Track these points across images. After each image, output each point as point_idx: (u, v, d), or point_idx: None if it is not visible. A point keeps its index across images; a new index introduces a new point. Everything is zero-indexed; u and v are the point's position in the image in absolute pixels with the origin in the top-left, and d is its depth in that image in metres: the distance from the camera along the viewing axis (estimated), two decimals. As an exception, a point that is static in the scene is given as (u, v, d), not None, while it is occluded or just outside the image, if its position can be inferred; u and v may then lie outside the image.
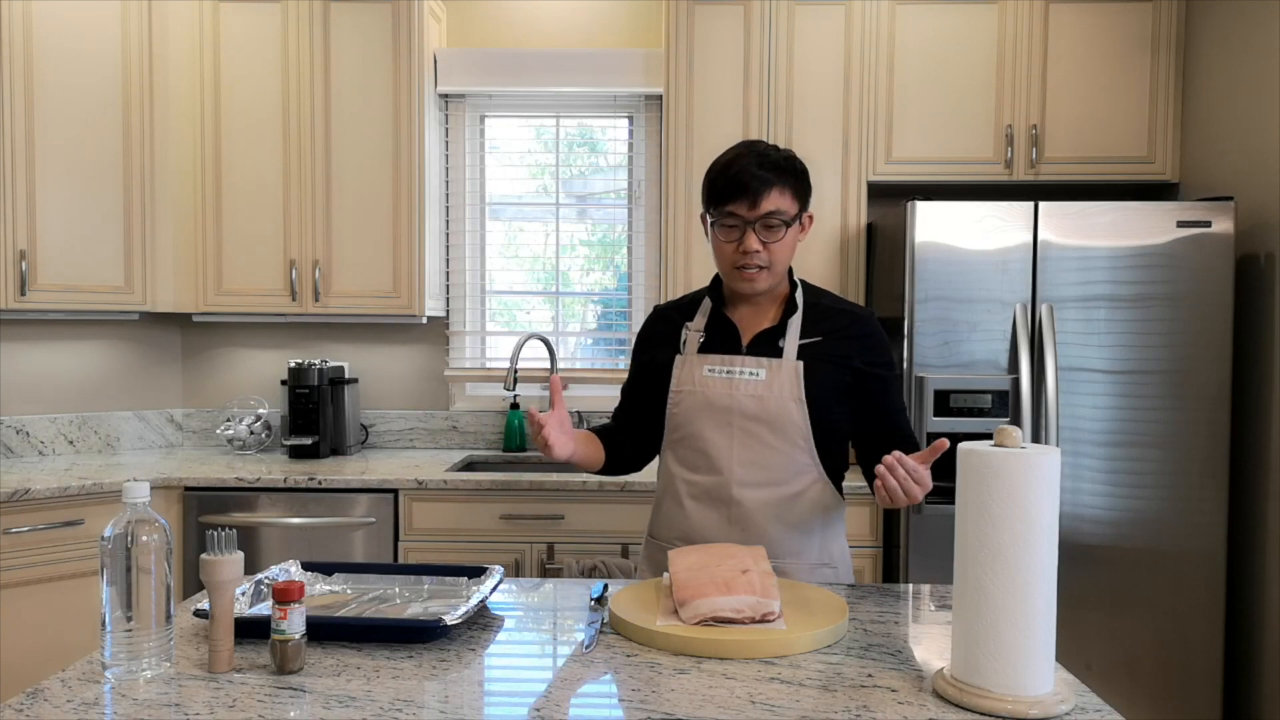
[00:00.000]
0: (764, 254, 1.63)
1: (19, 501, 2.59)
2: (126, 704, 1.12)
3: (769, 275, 1.67)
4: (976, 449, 1.13)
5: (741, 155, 1.65)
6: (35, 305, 2.89)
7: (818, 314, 1.74)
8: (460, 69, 3.41)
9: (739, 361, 1.70)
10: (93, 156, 2.96)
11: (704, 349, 1.74)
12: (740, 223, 1.63)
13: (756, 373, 1.68)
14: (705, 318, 1.77)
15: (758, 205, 1.62)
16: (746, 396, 1.67)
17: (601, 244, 3.64)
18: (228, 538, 1.23)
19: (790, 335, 1.70)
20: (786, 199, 1.64)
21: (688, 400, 1.72)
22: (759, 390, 1.67)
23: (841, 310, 1.77)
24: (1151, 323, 2.68)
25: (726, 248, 1.66)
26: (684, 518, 1.73)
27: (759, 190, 1.61)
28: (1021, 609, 1.10)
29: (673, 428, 1.75)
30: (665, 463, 1.79)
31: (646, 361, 1.81)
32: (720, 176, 1.65)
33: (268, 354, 3.54)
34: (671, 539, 1.75)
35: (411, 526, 2.87)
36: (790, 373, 1.67)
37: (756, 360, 1.69)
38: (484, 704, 1.14)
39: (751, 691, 1.16)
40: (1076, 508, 2.70)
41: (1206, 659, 2.71)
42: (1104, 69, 3.07)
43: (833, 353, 1.70)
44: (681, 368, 1.73)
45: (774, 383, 1.67)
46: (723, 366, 1.70)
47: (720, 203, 1.65)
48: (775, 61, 3.09)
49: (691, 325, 1.77)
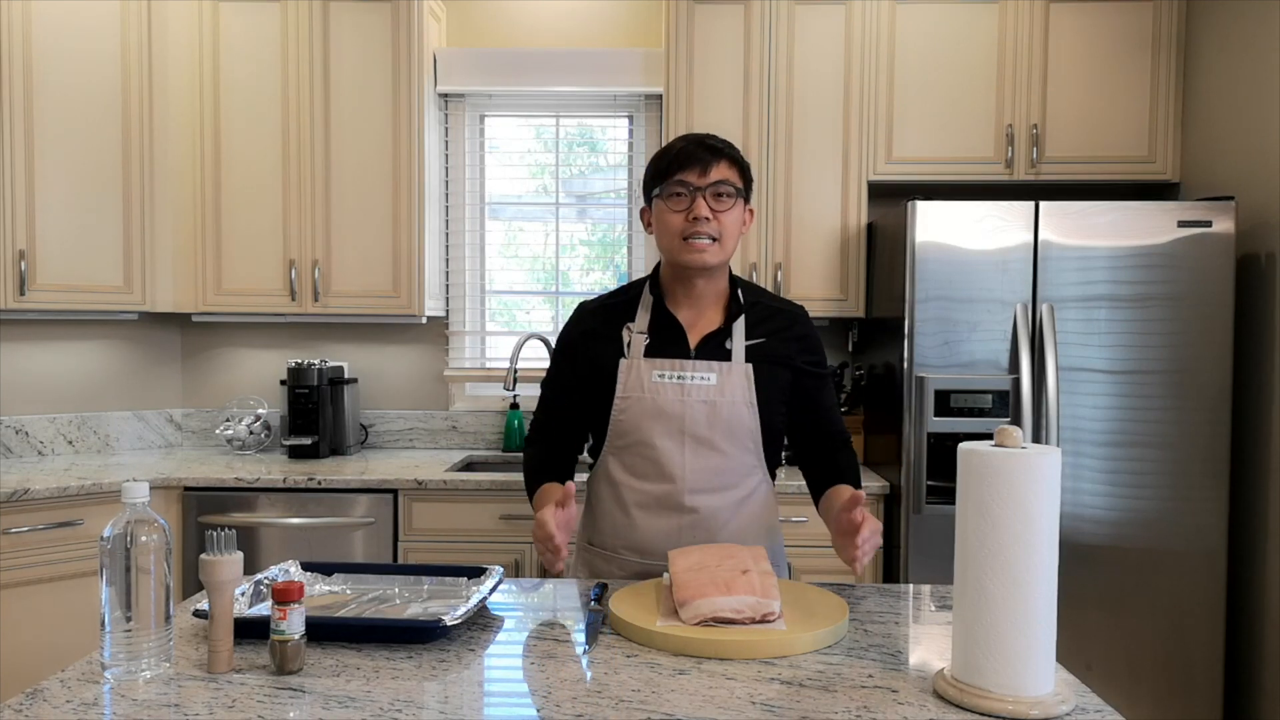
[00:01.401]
0: (714, 223, 1.62)
1: (18, 502, 2.59)
2: (126, 704, 1.11)
3: (718, 249, 1.63)
4: (977, 449, 1.13)
5: (683, 139, 1.68)
6: (35, 305, 2.88)
7: (759, 313, 1.73)
8: (460, 69, 3.41)
9: (689, 366, 1.65)
10: (92, 156, 2.96)
11: (650, 352, 1.68)
12: (689, 189, 1.62)
13: (707, 377, 1.65)
14: (648, 316, 1.71)
15: (707, 173, 1.62)
16: (698, 402, 1.64)
17: (601, 244, 3.63)
18: (227, 538, 1.23)
19: (737, 337, 1.68)
20: (734, 174, 1.65)
21: (636, 407, 1.66)
22: (710, 395, 1.65)
23: (780, 310, 1.76)
24: (1152, 323, 2.68)
25: (675, 218, 1.63)
26: (631, 527, 1.69)
27: (708, 160, 1.62)
28: (1022, 609, 1.10)
29: (618, 434, 1.68)
30: (605, 468, 1.72)
31: (584, 364, 1.72)
32: (666, 153, 1.66)
33: (267, 354, 3.54)
34: (616, 547, 1.71)
35: (411, 527, 2.87)
36: (740, 376, 1.66)
37: (707, 365, 1.66)
38: (484, 704, 1.14)
39: (751, 692, 1.16)
40: (1077, 508, 2.70)
41: (1207, 659, 2.70)
42: (1104, 69, 3.07)
43: (775, 353, 1.70)
44: (628, 372, 1.67)
45: (725, 387, 1.65)
46: (673, 372, 1.65)
47: (669, 174, 1.63)
48: (775, 61, 3.09)
49: (634, 326, 1.70)
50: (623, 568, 1.71)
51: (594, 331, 1.74)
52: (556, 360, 1.80)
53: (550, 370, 1.80)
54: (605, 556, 1.74)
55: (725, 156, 1.64)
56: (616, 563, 1.72)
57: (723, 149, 1.65)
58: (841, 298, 3.14)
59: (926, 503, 2.70)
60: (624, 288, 1.80)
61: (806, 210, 3.12)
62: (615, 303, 1.76)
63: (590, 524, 1.79)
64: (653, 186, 1.68)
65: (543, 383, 1.82)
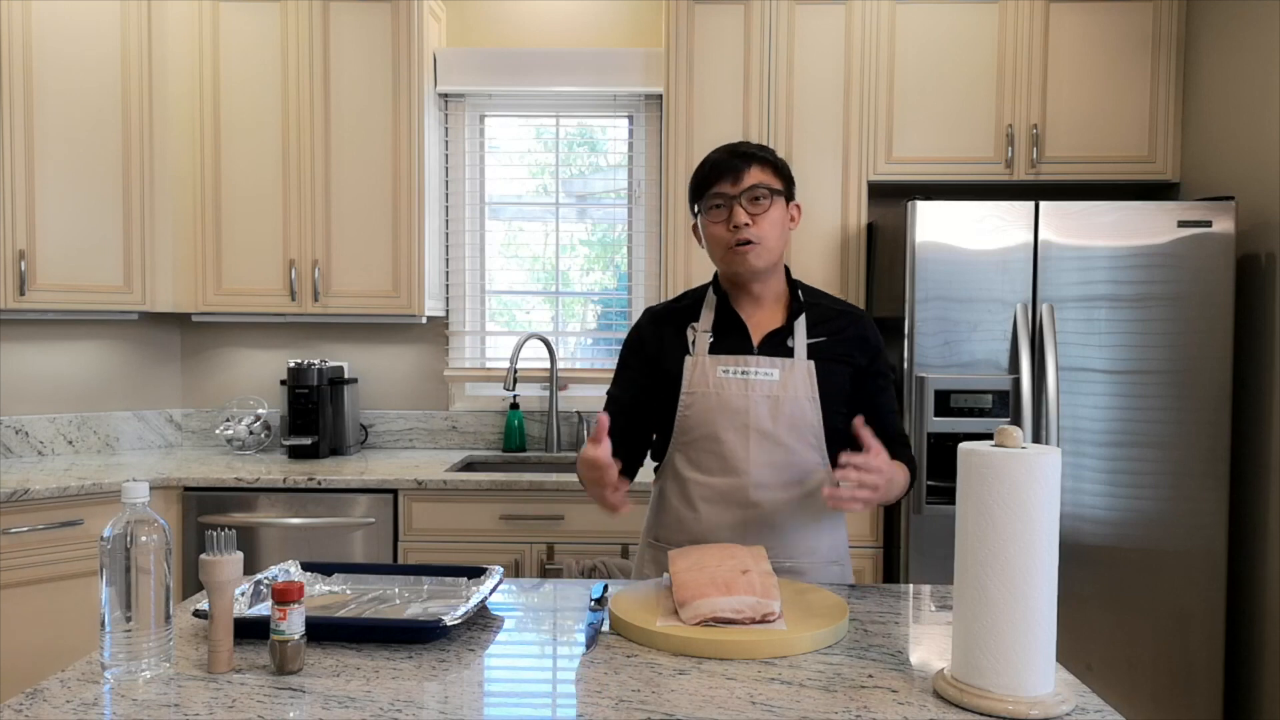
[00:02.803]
0: (754, 228, 1.65)
1: (18, 502, 2.59)
2: (126, 704, 1.11)
3: (763, 251, 1.67)
4: (977, 449, 1.13)
5: (719, 148, 1.72)
6: (34, 305, 2.88)
7: (819, 314, 1.76)
8: (460, 69, 3.41)
9: (753, 362, 1.69)
10: (92, 156, 2.96)
11: (714, 350, 1.72)
12: (725, 200, 1.66)
13: (771, 373, 1.68)
14: (712, 316, 1.76)
15: (740, 180, 1.65)
16: (762, 397, 1.67)
17: (601, 244, 3.63)
18: (227, 538, 1.23)
19: (798, 335, 1.72)
20: (768, 175, 1.68)
21: (701, 402, 1.70)
22: (774, 390, 1.68)
23: (841, 311, 1.80)
24: (1152, 323, 2.68)
25: (717, 229, 1.68)
26: (696, 520, 1.72)
27: (740, 167, 1.66)
28: (1022, 609, 1.10)
29: (683, 430, 1.72)
30: (671, 465, 1.77)
31: (650, 365, 1.77)
32: (701, 169, 1.70)
33: (267, 354, 3.54)
34: (681, 542, 1.73)
35: (411, 527, 2.87)
36: (803, 372, 1.69)
37: (770, 360, 1.69)
38: (484, 704, 1.14)
39: (751, 692, 1.16)
40: (1077, 508, 2.70)
41: (1207, 659, 2.70)
42: (1104, 69, 3.07)
43: (837, 352, 1.73)
44: (693, 369, 1.71)
45: (788, 383, 1.68)
46: (737, 367, 1.69)
47: (705, 188, 1.68)
48: (775, 61, 3.09)
49: (698, 325, 1.75)
50: None
51: (660, 333, 1.79)
52: (624, 361, 1.83)
53: (616, 373, 1.84)
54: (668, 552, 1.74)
55: (757, 160, 1.67)
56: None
57: (754, 153, 1.68)
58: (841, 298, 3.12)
59: (926, 503, 2.70)
60: (688, 293, 1.85)
61: (806, 210, 3.10)
62: (680, 306, 1.82)
63: (656, 521, 1.82)
64: (693, 203, 1.73)
65: (609, 390, 1.85)
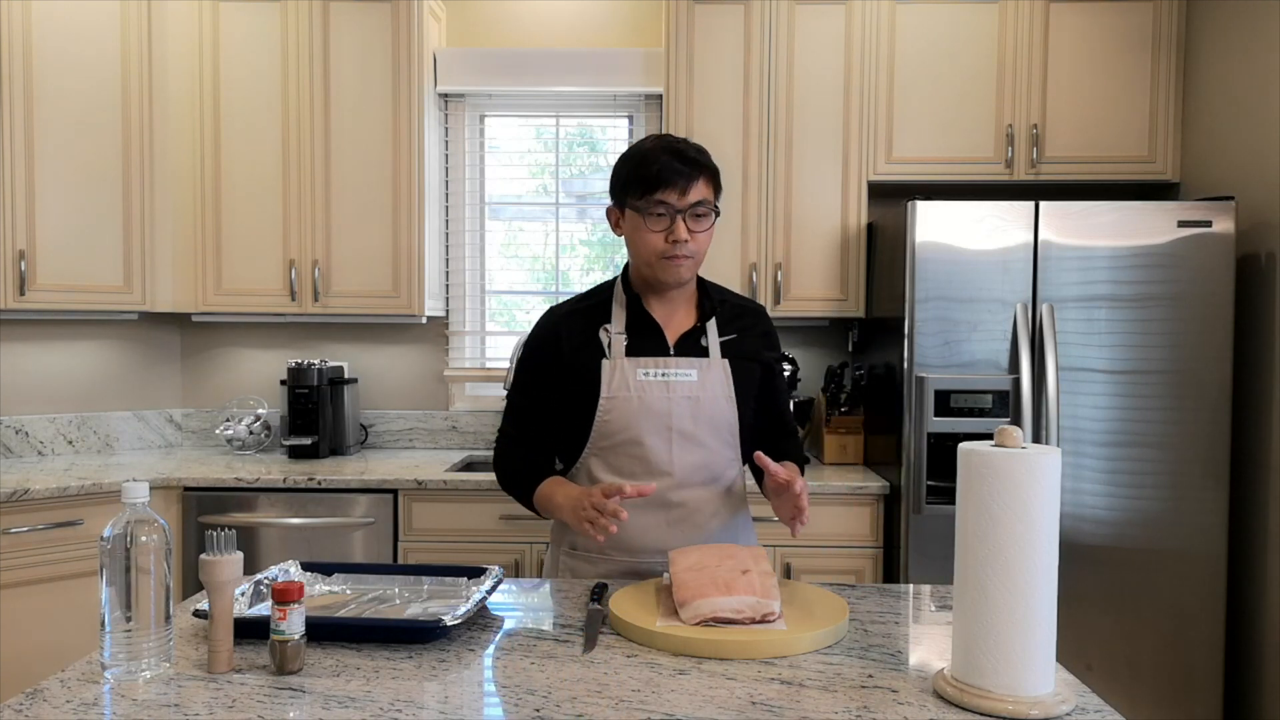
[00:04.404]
0: (691, 243, 1.64)
1: (18, 502, 2.59)
2: (125, 704, 1.11)
3: (693, 265, 1.68)
4: (977, 449, 1.13)
5: (661, 147, 1.64)
6: (34, 305, 2.88)
7: (727, 311, 1.78)
8: (460, 69, 3.41)
9: (672, 364, 1.69)
10: (92, 156, 2.96)
11: (630, 351, 1.69)
12: (670, 211, 1.62)
13: (689, 374, 1.69)
14: (624, 316, 1.72)
15: (687, 194, 1.62)
16: (682, 398, 1.68)
17: (601, 244, 3.63)
18: (227, 538, 1.23)
19: (712, 334, 1.73)
20: (709, 190, 1.67)
21: (622, 406, 1.66)
22: (693, 391, 1.68)
23: (745, 307, 1.82)
24: (1152, 323, 2.68)
25: (655, 237, 1.64)
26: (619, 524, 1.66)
27: (688, 176, 1.62)
28: (1022, 609, 1.10)
29: (603, 434, 1.68)
30: (587, 469, 1.71)
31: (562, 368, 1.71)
32: (645, 167, 1.63)
33: (267, 354, 3.54)
34: (604, 549, 1.69)
35: (411, 527, 2.86)
36: (719, 371, 1.71)
37: (688, 361, 1.69)
38: (484, 704, 1.14)
39: (751, 692, 1.16)
40: (1077, 508, 2.70)
41: (1207, 659, 2.70)
42: (1104, 69, 3.07)
43: (746, 349, 1.76)
44: (612, 372, 1.67)
45: (706, 382, 1.69)
46: (657, 370, 1.68)
47: (649, 191, 1.62)
48: (775, 61, 3.09)
49: (611, 327, 1.71)
50: (612, 568, 1.71)
51: (570, 335, 1.72)
52: (527, 366, 1.77)
53: (519, 377, 1.78)
54: (590, 559, 1.73)
55: (702, 171, 1.64)
56: (604, 564, 1.72)
57: (699, 161, 1.64)
58: (841, 298, 3.14)
59: (926, 503, 2.70)
60: (592, 291, 1.80)
61: (806, 210, 3.12)
62: (588, 306, 1.76)
63: (569, 529, 1.74)
64: (627, 194, 1.66)
65: (509, 392, 1.80)
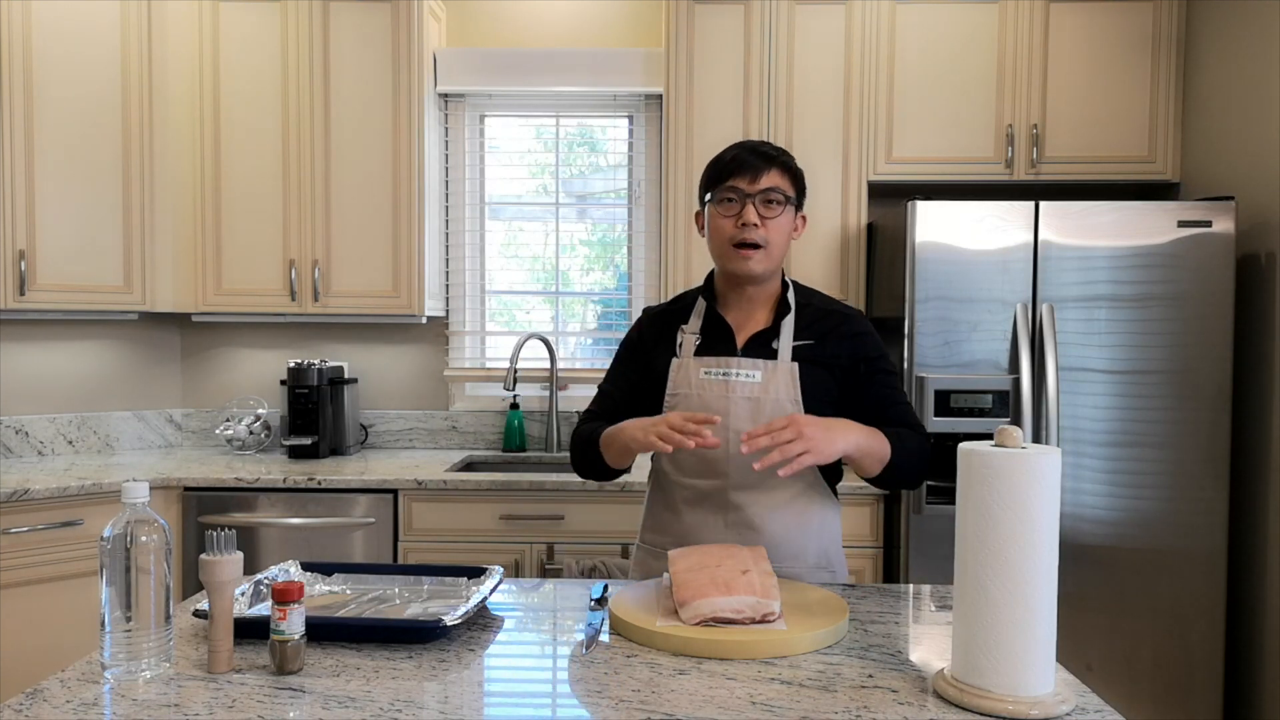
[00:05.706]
0: (762, 230, 1.65)
1: (18, 502, 2.59)
2: (125, 704, 1.11)
3: (765, 257, 1.67)
4: (977, 449, 1.13)
5: (738, 145, 1.71)
6: (34, 305, 2.88)
7: (809, 315, 1.74)
8: (460, 69, 3.41)
9: (734, 363, 1.69)
10: (92, 156, 2.96)
11: (699, 351, 1.73)
12: (740, 196, 1.66)
13: (752, 375, 1.68)
14: (700, 319, 1.76)
15: (758, 180, 1.65)
16: (742, 399, 1.67)
17: (601, 244, 3.63)
18: (227, 538, 1.23)
19: (784, 337, 1.70)
20: (786, 181, 1.68)
21: (683, 404, 1.70)
22: (755, 392, 1.67)
23: (832, 311, 1.76)
24: (1152, 323, 2.68)
25: (725, 223, 1.67)
26: (678, 523, 1.73)
27: (759, 167, 1.66)
28: (1022, 609, 1.10)
29: None
30: (658, 467, 1.77)
31: (642, 364, 1.78)
32: (720, 160, 1.70)
33: (267, 354, 3.54)
34: (666, 544, 1.74)
35: (411, 527, 2.87)
36: (785, 374, 1.68)
37: (752, 362, 1.69)
38: (484, 704, 1.14)
39: (751, 692, 1.16)
40: (1077, 508, 2.70)
41: (1207, 659, 2.70)
42: (1104, 69, 3.07)
43: (824, 355, 1.70)
44: (678, 371, 1.72)
45: (769, 385, 1.67)
46: (719, 369, 1.69)
47: (720, 180, 1.67)
48: (775, 61, 3.09)
49: (686, 328, 1.76)
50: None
51: (653, 334, 1.80)
52: (618, 359, 1.85)
53: (611, 368, 1.86)
54: (655, 554, 1.76)
55: (777, 164, 1.67)
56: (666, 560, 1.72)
57: (775, 156, 1.68)
58: (841, 297, 3.13)
59: (926, 503, 2.70)
60: (683, 294, 1.85)
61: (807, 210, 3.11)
62: (674, 308, 1.82)
63: (646, 522, 1.83)
64: (705, 192, 1.72)
65: (600, 385, 1.86)
